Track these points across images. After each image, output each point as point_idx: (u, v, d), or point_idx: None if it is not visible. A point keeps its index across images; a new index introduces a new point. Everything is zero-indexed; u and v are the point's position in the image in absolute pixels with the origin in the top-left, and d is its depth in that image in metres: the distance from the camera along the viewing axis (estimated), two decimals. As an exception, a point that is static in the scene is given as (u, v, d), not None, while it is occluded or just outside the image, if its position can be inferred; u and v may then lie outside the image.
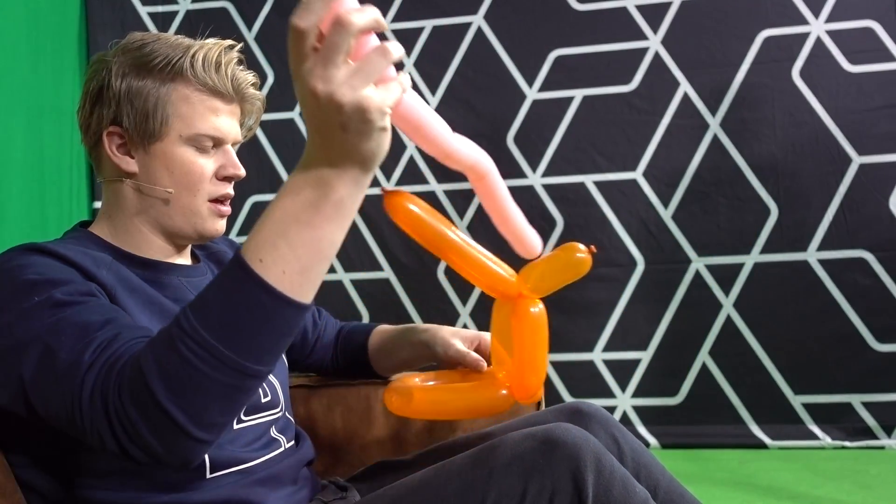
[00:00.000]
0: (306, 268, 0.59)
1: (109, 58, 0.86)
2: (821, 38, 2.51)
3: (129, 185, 0.87)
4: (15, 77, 2.37)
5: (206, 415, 0.60)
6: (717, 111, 2.55)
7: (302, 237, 0.59)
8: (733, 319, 2.50)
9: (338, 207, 0.60)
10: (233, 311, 0.59)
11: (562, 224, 2.61)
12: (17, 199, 2.34)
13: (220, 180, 0.89)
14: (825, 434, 2.38)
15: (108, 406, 0.62)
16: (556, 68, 2.66)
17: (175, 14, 2.85)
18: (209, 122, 0.86)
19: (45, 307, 0.69)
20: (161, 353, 0.60)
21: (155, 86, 0.85)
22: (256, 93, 0.93)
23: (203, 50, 0.86)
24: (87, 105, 0.87)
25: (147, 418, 0.60)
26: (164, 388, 0.59)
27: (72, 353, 0.65)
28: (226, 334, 0.59)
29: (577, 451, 0.71)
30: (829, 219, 2.47)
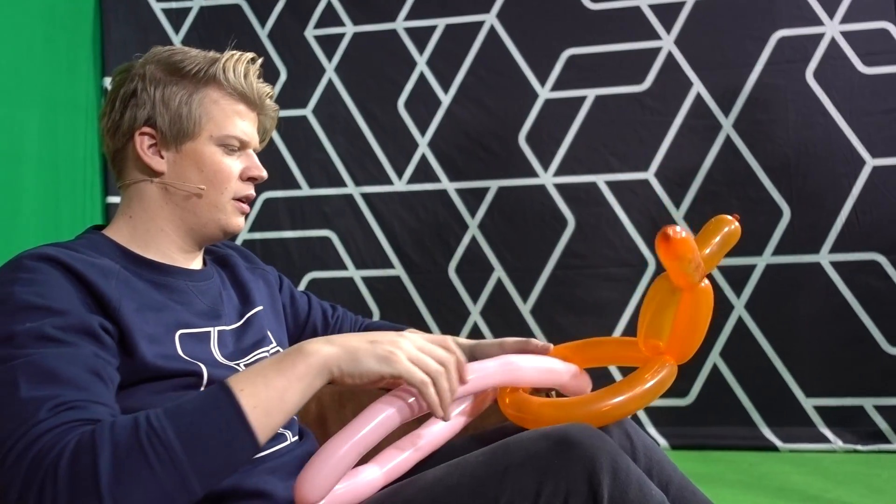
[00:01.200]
0: (269, 411, 0.69)
1: (139, 65, 0.93)
2: (835, 38, 2.49)
3: (156, 185, 0.92)
4: (30, 72, 2.38)
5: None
6: (730, 112, 2.54)
7: (276, 383, 0.70)
8: (745, 321, 2.49)
9: (306, 374, 0.72)
10: (203, 423, 0.65)
11: (573, 224, 2.60)
12: (33, 192, 2.35)
13: (244, 181, 0.96)
14: (837, 437, 2.37)
15: (37, 470, 0.61)
16: (568, 68, 2.65)
17: (189, 10, 2.86)
18: (237, 125, 0.94)
19: (31, 336, 0.70)
20: (121, 436, 0.62)
21: (188, 90, 0.91)
22: (273, 104, 1.01)
23: (233, 59, 0.94)
24: (117, 108, 0.92)
25: (74, 495, 0.60)
26: (108, 470, 0.60)
27: (32, 398, 0.65)
28: (188, 441, 0.63)
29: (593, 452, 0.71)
30: (842, 221, 2.45)
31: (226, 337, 0.92)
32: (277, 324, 1.06)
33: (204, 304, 0.92)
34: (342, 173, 2.74)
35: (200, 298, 0.92)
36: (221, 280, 1.00)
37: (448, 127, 2.70)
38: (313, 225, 2.76)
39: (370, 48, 2.75)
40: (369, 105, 2.75)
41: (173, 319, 0.85)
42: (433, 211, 2.68)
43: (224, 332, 0.92)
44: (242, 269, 1.05)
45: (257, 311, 1.01)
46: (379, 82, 2.74)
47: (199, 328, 0.88)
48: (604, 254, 2.58)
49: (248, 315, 0.99)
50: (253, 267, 1.10)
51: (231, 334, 0.93)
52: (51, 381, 0.67)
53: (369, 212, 2.73)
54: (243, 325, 0.97)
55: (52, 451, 0.62)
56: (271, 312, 1.05)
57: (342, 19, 2.79)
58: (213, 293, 0.95)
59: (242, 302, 1.00)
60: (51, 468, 0.61)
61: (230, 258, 1.06)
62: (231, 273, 1.04)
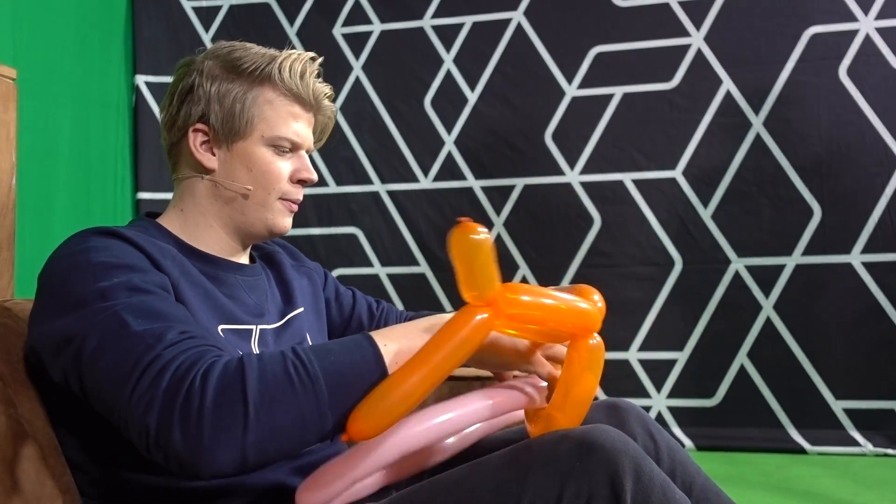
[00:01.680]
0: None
1: (199, 60, 0.92)
2: (870, 35, 2.44)
3: (207, 182, 0.92)
4: (63, 71, 2.43)
5: (270, 432, 0.63)
6: (760, 110, 2.51)
7: (418, 345, 0.70)
8: (773, 322, 2.46)
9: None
10: (347, 364, 0.67)
11: (599, 222, 2.59)
12: (65, 189, 2.40)
13: (294, 183, 0.94)
14: (867, 441, 2.33)
15: (182, 382, 0.62)
16: (596, 65, 2.64)
17: (219, 9, 2.89)
18: (290, 126, 0.92)
19: (123, 288, 0.71)
20: (268, 365, 0.65)
21: (243, 88, 0.90)
22: (331, 105, 0.99)
23: (290, 59, 0.92)
24: (175, 103, 0.92)
25: (220, 406, 0.61)
26: (256, 389, 0.62)
27: (148, 330, 0.67)
28: (331, 376, 0.65)
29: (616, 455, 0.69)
30: (875, 221, 2.41)
31: (266, 336, 0.92)
32: (318, 325, 1.06)
33: (251, 300, 0.92)
34: (369, 171, 2.75)
35: (248, 294, 0.93)
36: (267, 277, 1.00)
37: (474, 125, 2.70)
38: (340, 222, 2.78)
39: (397, 46, 2.76)
40: (396, 103, 2.76)
41: (220, 312, 0.85)
42: (459, 209, 2.68)
43: (265, 331, 0.92)
44: (288, 268, 1.05)
45: (298, 312, 1.00)
46: (406, 80, 2.74)
47: (242, 325, 0.88)
48: (630, 253, 2.57)
49: (289, 316, 0.98)
50: (298, 265, 1.09)
51: (271, 334, 0.93)
52: (160, 317, 0.69)
53: (395, 209, 2.74)
54: (283, 325, 0.96)
55: (195, 366, 0.63)
56: (313, 314, 1.05)
57: (370, 17, 2.80)
58: (260, 289, 0.96)
59: (285, 302, 1.00)
60: (199, 382, 0.62)
61: (276, 255, 1.05)
62: (277, 271, 1.03)
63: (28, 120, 2.08)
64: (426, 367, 0.66)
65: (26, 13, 2.23)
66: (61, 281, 0.74)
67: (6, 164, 1.49)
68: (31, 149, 2.19)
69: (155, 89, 2.83)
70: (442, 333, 0.68)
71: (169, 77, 3.18)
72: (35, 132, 2.24)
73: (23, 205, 1.83)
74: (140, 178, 2.77)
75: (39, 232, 2.25)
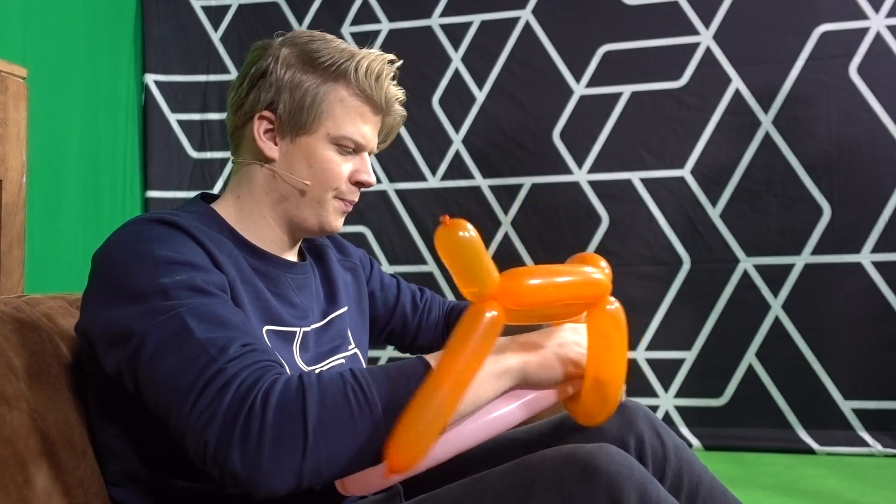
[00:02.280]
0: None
1: (276, 46, 0.90)
2: (881, 33, 2.43)
3: (265, 171, 0.90)
4: (73, 69, 2.44)
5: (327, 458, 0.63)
6: (769, 108, 2.50)
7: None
8: (782, 321, 2.45)
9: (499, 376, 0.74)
10: (403, 392, 0.65)
11: (607, 221, 2.58)
12: (74, 187, 2.42)
13: (352, 184, 0.93)
14: (876, 441, 2.32)
15: (244, 402, 0.62)
16: (604, 63, 2.63)
17: (228, 8, 2.90)
18: (357, 127, 0.90)
19: (184, 287, 0.70)
20: (328, 388, 0.65)
21: (316, 82, 0.88)
22: (401, 109, 0.97)
23: (368, 59, 0.90)
24: (245, 85, 0.90)
25: (280, 429, 0.61)
26: (316, 414, 0.63)
27: (212, 339, 0.66)
28: (389, 404, 0.65)
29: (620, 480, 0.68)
30: (885, 220, 2.39)
31: (308, 338, 0.90)
32: (361, 323, 1.05)
33: (298, 300, 0.91)
34: (377, 169, 2.75)
35: (296, 293, 0.91)
36: (314, 275, 0.98)
37: (482, 123, 2.70)
38: (348, 220, 2.75)
39: (405, 45, 2.76)
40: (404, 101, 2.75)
41: (267, 313, 0.84)
42: (466, 208, 2.68)
43: (307, 333, 0.90)
44: (334, 264, 1.03)
45: (342, 312, 0.99)
46: (414, 79, 2.75)
47: (287, 326, 0.87)
48: (638, 252, 2.56)
49: (331, 316, 0.97)
50: (344, 259, 1.07)
51: (313, 335, 0.92)
52: (222, 325, 0.68)
53: (403, 208, 2.74)
54: (325, 325, 0.95)
55: (256, 385, 0.63)
56: (356, 312, 1.04)
57: (378, 16, 2.80)
58: (308, 289, 0.94)
59: (329, 301, 0.98)
60: (259, 402, 0.62)
61: (325, 251, 1.04)
62: (324, 268, 1.02)
63: (38, 118, 2.09)
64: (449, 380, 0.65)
65: (37, 12, 2.24)
66: (121, 269, 0.73)
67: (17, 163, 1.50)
68: (42, 147, 2.20)
69: (164, 88, 2.84)
70: (455, 342, 0.66)
71: (178, 76, 3.19)
72: (45, 131, 2.25)
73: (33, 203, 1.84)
74: (149, 177, 2.78)
75: (49, 230, 2.26)
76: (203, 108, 2.88)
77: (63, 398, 0.82)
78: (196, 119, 2.87)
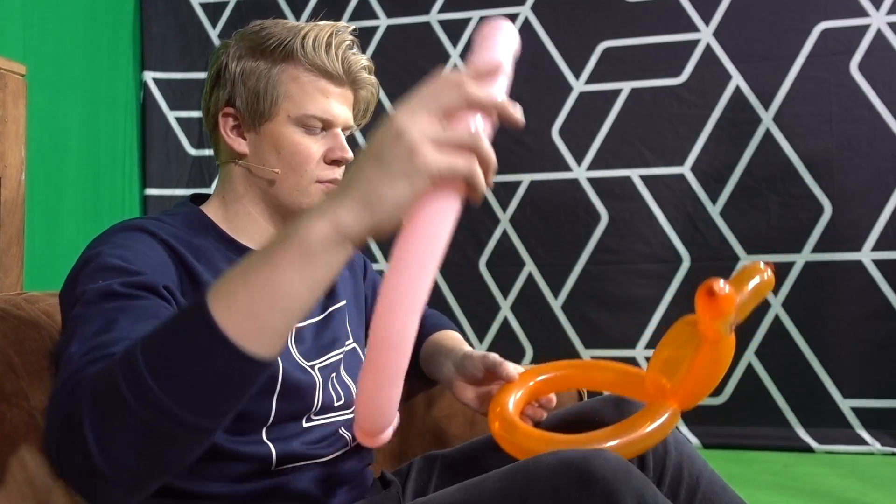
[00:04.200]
0: (256, 313, 0.52)
1: (230, 43, 0.89)
2: (881, 30, 2.43)
3: (240, 168, 0.89)
4: (73, 67, 2.43)
5: (117, 451, 0.53)
6: (769, 105, 2.49)
7: (259, 277, 0.53)
8: (781, 319, 2.45)
9: (304, 252, 0.52)
10: (170, 340, 0.54)
11: (606, 218, 2.58)
12: (74, 184, 2.41)
13: (328, 164, 0.89)
14: (875, 440, 2.32)
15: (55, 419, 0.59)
16: (604, 60, 2.63)
17: (226, 5, 2.89)
18: (318, 103, 0.87)
19: (99, 294, 0.70)
20: (101, 377, 0.55)
21: (267, 66, 0.86)
22: (369, 77, 0.93)
23: (314, 31, 0.87)
24: (206, 89, 0.90)
25: (63, 443, 0.56)
26: (89, 409, 0.54)
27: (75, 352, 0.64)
28: (155, 365, 0.52)
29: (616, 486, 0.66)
30: (886, 218, 2.39)
31: (304, 332, 0.89)
32: (358, 318, 1.03)
33: None
34: (375, 166, 2.75)
35: None
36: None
37: (481, 120, 2.69)
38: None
39: (404, 41, 2.76)
40: (402, 98, 2.75)
41: None
42: (464, 204, 2.68)
43: (301, 328, 0.89)
44: None
45: (340, 305, 0.97)
46: (412, 75, 2.72)
47: None
48: (637, 249, 2.56)
49: (330, 309, 0.95)
50: None
51: (310, 329, 0.90)
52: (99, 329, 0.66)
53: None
54: (324, 319, 0.93)
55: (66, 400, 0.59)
56: (353, 307, 1.02)
57: (376, 12, 2.79)
58: None
59: (327, 294, 0.95)
60: (55, 420, 0.58)
61: None
62: None
63: (38, 116, 2.09)
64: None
65: (36, 10, 2.23)
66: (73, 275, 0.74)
67: (16, 160, 1.49)
68: (41, 145, 2.20)
69: (163, 86, 2.83)
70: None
71: (176, 73, 3.18)
72: (45, 128, 2.25)
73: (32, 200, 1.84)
74: (148, 175, 2.78)
75: (49, 227, 2.25)
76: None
77: (63, 396, 0.82)
78: (195, 116, 2.86)
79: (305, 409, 0.85)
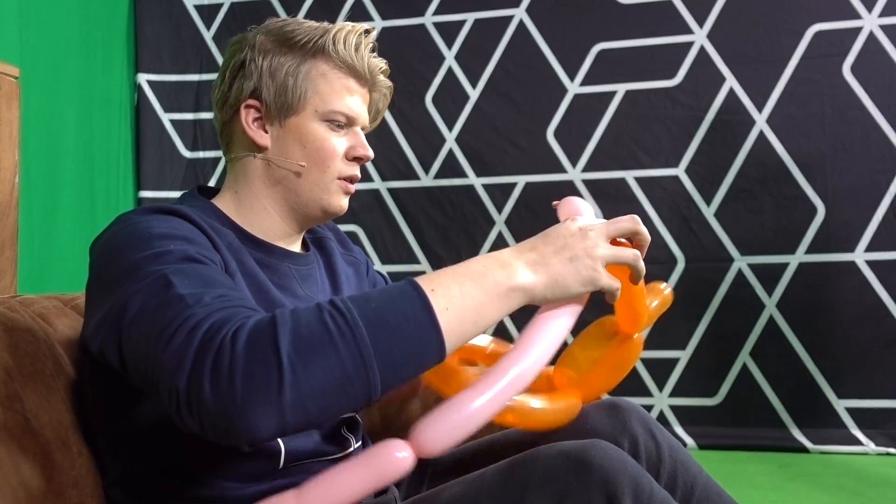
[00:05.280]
0: (462, 319, 0.64)
1: (251, 36, 0.90)
2: (874, 32, 2.44)
3: (260, 161, 0.89)
4: (67, 69, 2.43)
5: (309, 389, 0.57)
6: (763, 107, 2.50)
7: (473, 294, 0.66)
8: (776, 320, 2.46)
9: (508, 293, 0.68)
10: (390, 312, 0.61)
11: (601, 220, 2.58)
12: (69, 186, 2.40)
13: (349, 161, 0.90)
14: (869, 440, 2.33)
15: (212, 340, 0.58)
16: (598, 62, 2.63)
17: (220, 6, 2.89)
18: (344, 100, 0.89)
19: (175, 255, 0.68)
20: (302, 315, 0.60)
21: (296, 61, 0.87)
22: (386, 80, 0.95)
23: (344, 31, 0.89)
24: (226, 80, 0.90)
25: (251, 362, 0.57)
26: (289, 342, 0.57)
27: (191, 293, 0.63)
28: (374, 324, 0.60)
29: (614, 475, 0.68)
30: (879, 219, 2.40)
31: None
32: None
33: (302, 292, 0.89)
34: (369, 168, 2.75)
35: (300, 285, 0.90)
36: (318, 265, 0.97)
37: (476, 122, 2.70)
38: (340, 220, 2.74)
39: (398, 42, 2.76)
40: (397, 99, 2.72)
41: (269, 305, 0.81)
42: (460, 206, 2.68)
43: None
44: (337, 256, 1.02)
45: None
46: (407, 77, 2.74)
47: None
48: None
49: None
50: (346, 253, 1.06)
51: None
52: (207, 284, 0.66)
53: (396, 207, 2.73)
54: None
55: (226, 324, 0.59)
56: None
57: (371, 14, 2.79)
58: (312, 280, 0.93)
59: (334, 292, 0.96)
60: (227, 338, 0.58)
61: (327, 242, 1.03)
62: (327, 259, 1.00)
63: (32, 118, 2.08)
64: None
65: (30, 12, 2.23)
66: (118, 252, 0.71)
67: (9, 163, 1.49)
68: (35, 147, 2.19)
69: (157, 88, 2.83)
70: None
71: (170, 76, 3.18)
72: (39, 130, 2.24)
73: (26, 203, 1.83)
74: (142, 177, 2.77)
75: (43, 230, 2.25)
76: (196, 107, 2.87)
77: (58, 398, 0.82)
78: (189, 119, 2.86)
79: None
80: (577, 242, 0.72)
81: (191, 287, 0.64)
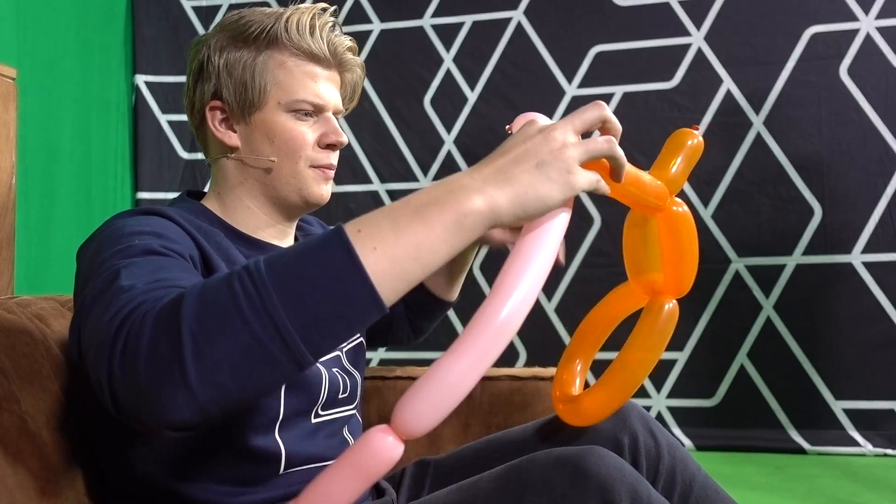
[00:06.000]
0: (399, 260, 0.54)
1: (210, 36, 0.87)
2: (870, 34, 2.45)
3: (233, 161, 0.88)
4: (65, 70, 2.42)
5: (216, 361, 0.51)
6: (760, 109, 2.51)
7: (411, 228, 0.55)
8: (773, 322, 2.46)
9: (459, 221, 0.56)
10: (305, 264, 0.53)
11: (599, 222, 2.59)
12: (67, 187, 2.40)
13: (323, 148, 0.88)
14: (867, 441, 2.33)
15: (124, 324, 0.55)
16: (596, 64, 2.63)
17: (218, 8, 2.89)
18: (308, 87, 0.86)
19: (136, 249, 0.67)
20: (212, 283, 0.54)
21: (251, 55, 0.85)
22: (354, 58, 0.92)
23: (296, 14, 0.85)
24: (190, 84, 0.89)
25: (155, 340, 0.52)
26: (193, 314, 0.52)
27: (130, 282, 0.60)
28: (284, 280, 0.52)
29: (611, 482, 0.67)
30: (876, 221, 2.41)
31: None
32: None
33: None
34: (368, 170, 2.75)
35: None
36: None
37: (474, 124, 2.70)
38: (338, 222, 2.77)
39: (397, 45, 2.76)
40: (395, 102, 2.75)
41: None
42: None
43: None
44: None
45: None
46: (405, 79, 2.74)
47: None
48: (700, 125, 2.55)
49: None
50: None
51: None
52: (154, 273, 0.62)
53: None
54: None
55: (143, 306, 0.55)
56: None
57: (369, 16, 2.79)
58: None
59: None
60: (138, 320, 0.54)
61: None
62: None
63: (29, 119, 2.08)
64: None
65: (28, 13, 2.22)
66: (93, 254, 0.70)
67: (6, 164, 1.49)
68: (32, 148, 2.19)
69: (155, 89, 2.83)
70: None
71: (168, 77, 3.17)
72: (36, 132, 2.24)
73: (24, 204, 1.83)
74: (140, 178, 2.77)
75: (40, 231, 2.24)
76: (194, 108, 2.87)
77: (55, 400, 0.82)
78: (186, 120, 2.86)
79: (312, 403, 0.83)
80: (539, 146, 0.60)
81: (134, 278, 0.60)
